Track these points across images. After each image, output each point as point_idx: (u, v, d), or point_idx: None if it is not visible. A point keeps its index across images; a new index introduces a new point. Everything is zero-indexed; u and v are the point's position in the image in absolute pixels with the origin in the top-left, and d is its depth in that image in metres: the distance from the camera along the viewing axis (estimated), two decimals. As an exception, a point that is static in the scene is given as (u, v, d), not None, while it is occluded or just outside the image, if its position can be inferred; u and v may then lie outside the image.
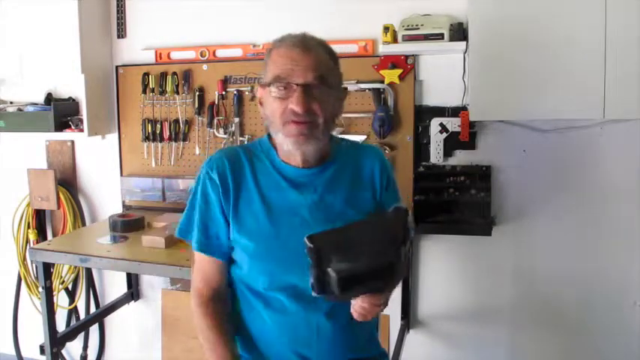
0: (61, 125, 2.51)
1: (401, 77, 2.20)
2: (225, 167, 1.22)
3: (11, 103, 2.67)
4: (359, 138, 2.25)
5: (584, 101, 1.80)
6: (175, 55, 2.52)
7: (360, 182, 1.26)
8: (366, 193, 1.27)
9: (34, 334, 2.59)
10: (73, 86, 2.59)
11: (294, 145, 1.15)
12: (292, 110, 1.12)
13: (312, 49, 1.14)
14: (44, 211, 2.78)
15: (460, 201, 2.19)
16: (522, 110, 1.88)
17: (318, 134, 1.16)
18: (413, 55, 2.18)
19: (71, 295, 2.78)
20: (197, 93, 2.46)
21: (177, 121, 2.51)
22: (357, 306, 1.10)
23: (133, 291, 2.71)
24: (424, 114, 2.22)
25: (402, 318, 2.32)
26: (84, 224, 2.71)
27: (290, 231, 1.18)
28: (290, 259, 1.17)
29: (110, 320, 2.79)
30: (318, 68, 1.13)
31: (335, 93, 1.19)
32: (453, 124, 2.15)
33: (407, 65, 2.20)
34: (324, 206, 1.20)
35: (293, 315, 1.20)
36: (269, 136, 1.25)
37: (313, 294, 1.05)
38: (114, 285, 2.76)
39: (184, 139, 2.52)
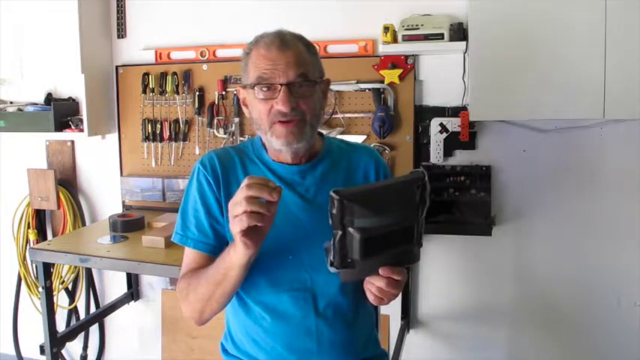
0: (61, 125, 2.51)
1: (401, 77, 2.20)
2: (215, 162, 1.22)
3: (11, 103, 2.67)
4: (359, 138, 2.25)
5: (584, 101, 1.80)
6: (175, 55, 2.52)
7: (353, 182, 1.25)
8: None
9: (34, 334, 2.59)
10: (73, 86, 2.59)
11: (285, 146, 1.15)
12: (278, 110, 1.12)
13: (290, 46, 1.14)
14: (44, 211, 2.78)
15: (460, 201, 2.19)
16: (522, 110, 1.88)
17: (306, 131, 1.15)
18: (413, 55, 2.18)
19: (71, 295, 2.78)
20: (197, 93, 2.46)
21: (177, 121, 2.51)
22: (375, 287, 1.05)
23: (133, 291, 2.71)
24: (424, 114, 2.22)
25: (402, 318, 2.32)
26: (84, 224, 2.71)
27: (283, 229, 1.18)
28: (284, 258, 1.17)
29: (110, 320, 2.79)
30: (298, 65, 1.13)
31: (318, 87, 1.19)
32: (453, 124, 2.15)
33: (407, 65, 2.20)
34: (317, 205, 1.19)
35: (291, 317, 1.19)
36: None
37: (332, 270, 1.01)
38: (114, 285, 2.76)
39: (184, 139, 2.52)
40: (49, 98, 2.59)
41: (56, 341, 2.22)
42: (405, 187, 1.03)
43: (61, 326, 2.62)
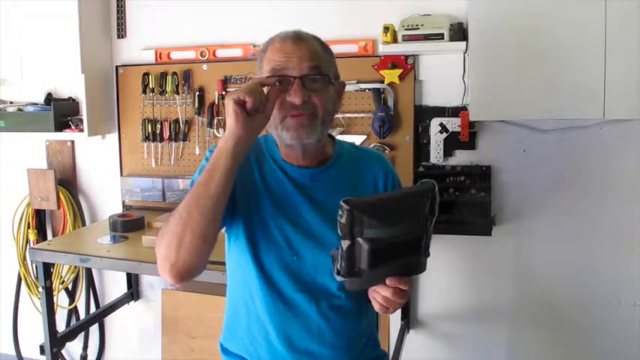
0: (61, 125, 2.51)
1: (401, 77, 2.20)
2: None
3: (11, 103, 2.67)
4: (359, 138, 2.25)
5: (584, 101, 1.79)
6: (175, 55, 2.52)
7: (362, 188, 1.25)
8: None
9: (34, 334, 2.59)
10: (73, 86, 2.59)
11: (295, 139, 1.13)
12: (290, 103, 1.11)
13: (305, 41, 1.14)
14: (44, 211, 2.78)
15: (460, 201, 2.19)
16: (522, 110, 1.88)
17: (317, 126, 1.13)
18: (413, 55, 2.18)
19: (71, 295, 2.78)
20: (197, 93, 2.46)
21: (177, 121, 2.51)
22: (380, 297, 1.06)
23: (133, 291, 2.71)
24: (424, 114, 2.22)
25: (402, 318, 2.32)
26: (84, 224, 2.71)
27: (289, 230, 1.18)
28: (288, 259, 1.17)
29: (110, 320, 2.79)
30: (312, 58, 1.12)
31: (332, 85, 1.17)
32: (453, 124, 2.15)
33: (407, 65, 2.20)
34: (324, 209, 1.18)
35: (292, 317, 1.19)
36: None
37: (338, 279, 1.00)
38: (114, 285, 2.76)
39: (184, 139, 2.52)
40: (49, 98, 2.59)
41: (56, 341, 2.22)
42: (415, 198, 1.02)
43: (61, 326, 2.62)
